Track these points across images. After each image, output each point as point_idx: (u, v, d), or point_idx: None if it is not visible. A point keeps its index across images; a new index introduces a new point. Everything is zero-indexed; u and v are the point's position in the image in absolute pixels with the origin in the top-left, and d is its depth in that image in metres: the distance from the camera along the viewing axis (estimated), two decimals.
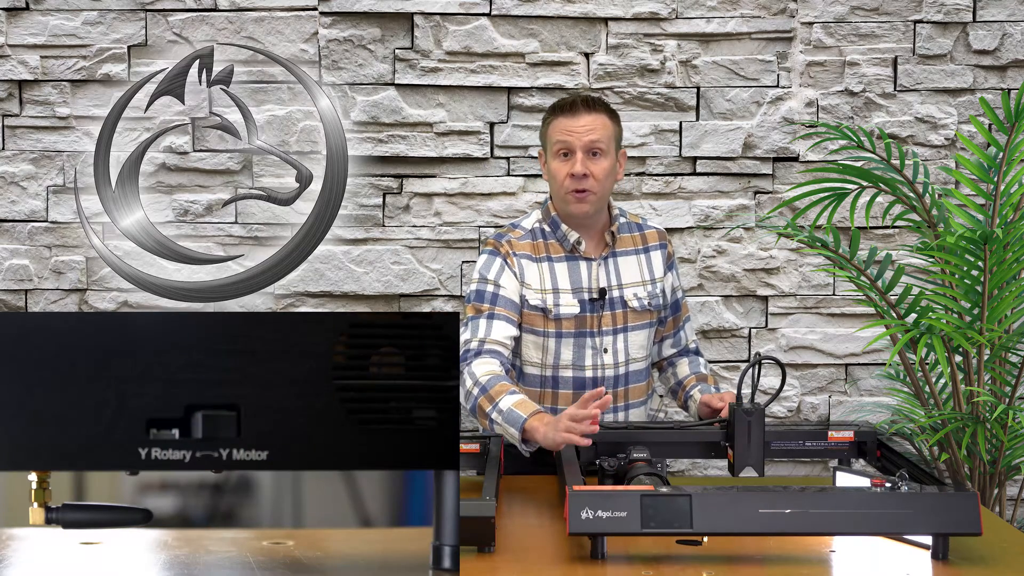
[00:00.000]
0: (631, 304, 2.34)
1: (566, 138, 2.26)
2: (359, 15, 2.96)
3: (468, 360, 2.21)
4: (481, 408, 2.13)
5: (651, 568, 1.61)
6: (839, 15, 3.00)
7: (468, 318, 2.29)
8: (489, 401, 2.11)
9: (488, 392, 2.12)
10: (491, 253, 2.33)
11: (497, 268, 2.30)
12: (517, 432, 2.05)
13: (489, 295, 2.29)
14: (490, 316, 2.27)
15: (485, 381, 2.14)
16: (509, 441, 2.29)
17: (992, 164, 2.37)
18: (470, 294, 2.32)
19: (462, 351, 2.21)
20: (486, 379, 2.15)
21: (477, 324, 2.27)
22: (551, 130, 2.29)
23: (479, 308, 2.28)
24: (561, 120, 2.27)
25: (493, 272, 2.30)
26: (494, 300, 2.28)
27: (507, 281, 2.30)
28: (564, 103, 2.30)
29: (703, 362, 2.49)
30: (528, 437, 2.04)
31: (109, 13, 2.93)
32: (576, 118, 2.26)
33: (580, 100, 2.29)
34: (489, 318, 2.27)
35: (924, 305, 2.35)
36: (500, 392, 2.11)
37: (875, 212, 2.81)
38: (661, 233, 2.44)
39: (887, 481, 1.70)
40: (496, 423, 2.10)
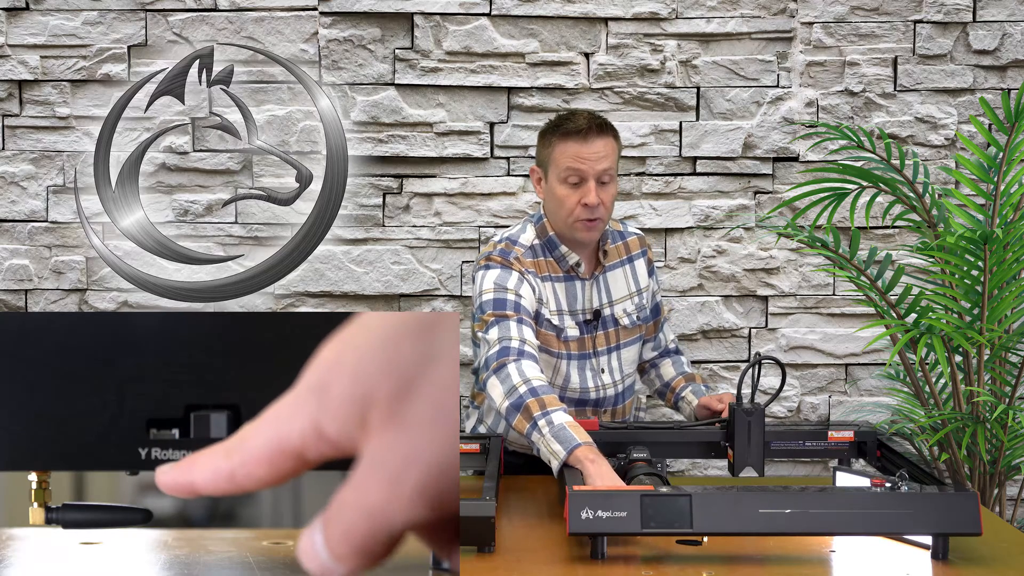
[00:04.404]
0: (622, 322, 2.31)
1: (578, 166, 2.15)
2: (359, 15, 2.96)
3: (511, 355, 2.05)
4: (528, 409, 1.96)
5: (651, 568, 1.61)
6: (839, 15, 3.00)
7: (492, 321, 2.13)
8: (540, 406, 1.96)
9: (540, 397, 1.97)
10: (503, 268, 2.20)
11: (515, 280, 2.17)
12: (564, 452, 1.88)
13: (512, 303, 2.14)
14: (519, 321, 2.12)
15: (537, 385, 2.00)
16: (511, 437, 2.28)
17: (992, 164, 2.37)
18: (486, 303, 2.16)
19: (498, 347, 2.07)
20: (539, 383, 2.00)
21: (508, 325, 2.11)
22: (558, 154, 2.18)
23: (504, 314, 2.12)
24: (572, 146, 2.16)
25: (512, 283, 2.17)
26: (517, 308, 2.14)
27: (526, 292, 2.17)
28: (575, 127, 2.17)
29: (685, 361, 2.48)
30: (572, 464, 1.88)
31: (109, 13, 2.93)
32: (588, 144, 2.15)
33: (593, 125, 2.16)
34: (519, 323, 2.12)
35: (924, 305, 2.35)
36: (553, 403, 1.97)
37: (875, 212, 2.81)
38: (641, 239, 2.40)
39: (887, 481, 1.70)
40: (540, 431, 1.93)
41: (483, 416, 2.38)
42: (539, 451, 1.96)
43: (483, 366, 2.11)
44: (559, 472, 1.92)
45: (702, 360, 3.07)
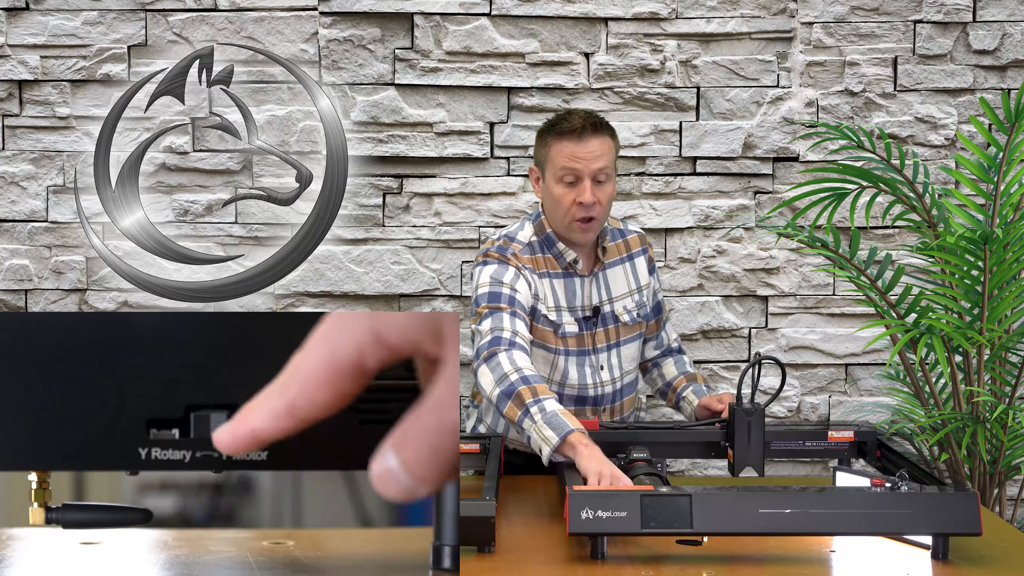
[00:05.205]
0: (622, 319, 2.31)
1: (574, 165, 2.16)
2: (359, 15, 2.96)
3: (502, 345, 2.07)
4: (519, 396, 1.98)
5: (651, 568, 1.61)
6: (839, 15, 3.00)
7: (485, 313, 2.15)
8: (532, 394, 1.97)
9: (532, 385, 1.99)
10: (500, 263, 2.22)
11: (511, 275, 2.20)
12: (557, 438, 1.91)
13: (506, 297, 2.17)
14: (512, 314, 2.14)
15: (528, 374, 2.02)
16: (511, 436, 2.28)
17: (992, 164, 2.37)
18: (481, 296, 2.19)
19: (489, 337, 2.09)
20: (530, 372, 2.03)
21: (501, 316, 2.13)
22: (554, 153, 2.19)
23: (498, 307, 2.15)
24: (567, 145, 2.17)
25: (508, 277, 2.19)
26: (511, 302, 2.16)
27: (522, 287, 2.19)
28: (569, 127, 2.18)
29: (688, 360, 2.48)
30: (565, 451, 1.91)
31: (109, 13, 2.93)
32: (583, 144, 2.16)
33: (588, 124, 2.17)
34: (512, 315, 2.14)
35: (924, 305, 2.35)
36: (544, 392, 1.99)
37: (875, 212, 2.81)
38: (642, 237, 2.41)
39: (887, 481, 1.70)
40: (532, 418, 1.95)
41: (483, 415, 2.38)
42: (530, 439, 1.97)
43: (475, 356, 2.13)
44: (549, 460, 1.94)
45: (702, 360, 3.07)
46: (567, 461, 1.91)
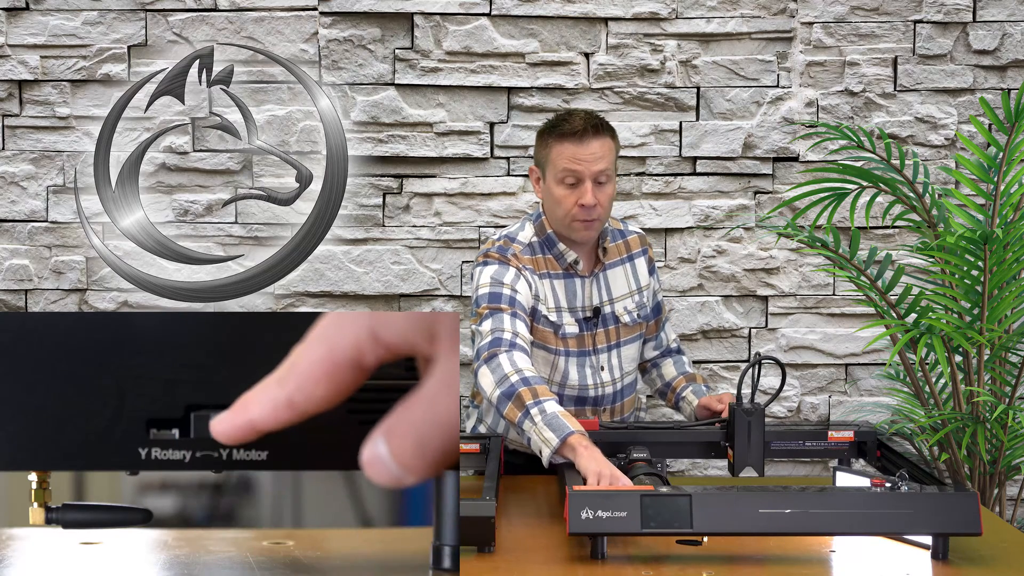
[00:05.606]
0: (623, 319, 2.31)
1: (575, 167, 2.16)
2: (359, 15, 2.96)
3: (503, 346, 2.07)
4: (520, 397, 1.98)
5: (651, 568, 1.61)
6: (839, 15, 3.00)
7: (486, 314, 2.15)
8: (532, 395, 1.97)
9: (532, 386, 1.99)
10: (500, 264, 2.21)
11: (512, 276, 2.19)
12: (557, 440, 1.91)
13: (507, 297, 2.16)
14: (513, 315, 2.14)
15: (529, 375, 2.02)
16: (511, 436, 2.28)
17: (992, 164, 2.37)
18: (481, 297, 2.18)
19: (490, 338, 2.10)
20: (530, 373, 2.03)
21: (501, 317, 2.13)
22: (555, 155, 2.19)
23: (498, 307, 2.15)
24: (568, 147, 2.16)
25: (508, 278, 2.19)
26: (512, 302, 2.16)
27: (522, 288, 2.19)
28: (570, 128, 2.17)
29: (687, 360, 2.48)
30: (565, 452, 1.91)
31: (109, 13, 2.93)
32: (584, 145, 2.16)
33: (589, 126, 2.17)
34: (513, 316, 2.14)
35: (924, 305, 2.35)
36: (545, 393, 1.99)
37: (875, 212, 2.81)
38: (642, 237, 2.41)
39: (887, 481, 1.70)
40: (532, 419, 1.95)
41: (483, 416, 2.39)
42: (530, 440, 1.97)
43: (475, 356, 2.13)
44: (549, 462, 1.94)
45: (702, 360, 3.07)
46: (567, 462, 1.91)
